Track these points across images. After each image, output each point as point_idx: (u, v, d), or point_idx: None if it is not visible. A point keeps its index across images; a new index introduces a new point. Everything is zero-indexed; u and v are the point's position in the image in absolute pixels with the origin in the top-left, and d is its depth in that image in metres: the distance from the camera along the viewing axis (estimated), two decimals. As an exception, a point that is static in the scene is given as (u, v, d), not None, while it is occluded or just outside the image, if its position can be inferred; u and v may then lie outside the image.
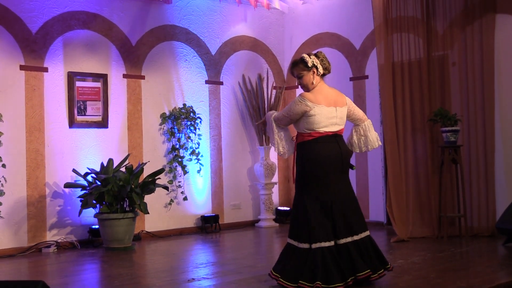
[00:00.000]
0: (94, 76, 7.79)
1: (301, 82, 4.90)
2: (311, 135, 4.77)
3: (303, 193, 4.81)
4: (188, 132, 8.51)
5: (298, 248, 4.74)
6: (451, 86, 7.61)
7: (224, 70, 9.13)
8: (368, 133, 5.11)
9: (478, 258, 6.16)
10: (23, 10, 7.26)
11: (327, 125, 4.79)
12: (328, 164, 4.76)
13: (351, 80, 8.92)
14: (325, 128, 4.79)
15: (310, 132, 4.78)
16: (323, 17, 9.33)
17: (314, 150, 4.74)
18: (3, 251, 6.94)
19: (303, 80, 4.87)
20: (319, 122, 4.76)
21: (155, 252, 7.16)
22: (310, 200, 4.74)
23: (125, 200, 7.27)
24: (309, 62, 4.83)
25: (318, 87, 4.86)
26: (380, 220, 8.57)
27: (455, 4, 7.53)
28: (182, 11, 8.67)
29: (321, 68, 4.87)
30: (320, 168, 4.75)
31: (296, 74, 4.91)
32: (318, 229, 4.67)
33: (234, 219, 9.08)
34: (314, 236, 4.65)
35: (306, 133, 4.80)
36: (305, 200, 4.76)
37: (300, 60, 4.90)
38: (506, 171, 7.33)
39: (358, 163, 8.80)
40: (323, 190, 4.75)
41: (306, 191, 4.79)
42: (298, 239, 4.75)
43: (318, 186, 4.76)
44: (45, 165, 7.36)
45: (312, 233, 4.66)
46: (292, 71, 4.96)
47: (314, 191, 4.76)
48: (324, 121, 4.77)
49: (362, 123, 5.12)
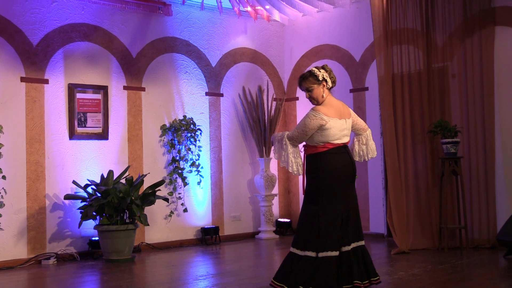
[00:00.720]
0: (94, 88, 7.81)
1: (311, 95, 4.90)
2: (325, 147, 4.80)
3: (315, 203, 4.78)
4: (188, 143, 8.52)
5: (303, 256, 4.72)
6: (451, 97, 7.62)
7: (224, 82, 9.16)
8: (369, 142, 5.13)
9: (479, 270, 6.15)
10: (24, 23, 7.29)
11: (340, 137, 4.84)
12: (342, 174, 4.81)
13: (351, 92, 8.94)
14: (338, 140, 4.84)
15: (324, 144, 4.80)
16: (323, 29, 9.37)
17: (329, 161, 4.77)
18: (2, 263, 6.92)
19: (313, 93, 4.89)
20: (334, 134, 4.80)
21: (155, 264, 7.14)
22: (323, 210, 4.74)
23: (125, 212, 7.26)
24: (319, 76, 4.87)
25: (328, 100, 4.89)
26: (381, 231, 8.55)
27: (455, 16, 7.56)
28: (182, 23, 8.70)
29: (330, 81, 4.91)
30: (335, 178, 4.78)
31: (306, 88, 4.91)
32: (328, 239, 4.68)
33: (234, 231, 9.06)
34: (322, 245, 4.66)
35: (319, 145, 4.81)
36: (318, 210, 4.74)
37: (309, 73, 4.91)
38: (506, 182, 7.32)
39: (359, 174, 8.79)
40: (337, 200, 4.77)
41: (319, 202, 4.77)
42: (305, 248, 4.72)
43: (334, 196, 4.77)
44: (45, 177, 7.36)
45: (321, 242, 4.67)
46: (301, 84, 4.94)
47: (328, 201, 4.76)
48: (338, 133, 4.82)
49: (364, 132, 5.14)
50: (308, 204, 4.84)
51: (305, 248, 4.71)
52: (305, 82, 4.90)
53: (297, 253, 4.76)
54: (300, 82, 4.95)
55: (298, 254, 4.76)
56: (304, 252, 4.71)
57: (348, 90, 8.94)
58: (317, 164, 4.78)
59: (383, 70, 7.59)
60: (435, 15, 7.67)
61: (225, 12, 8.93)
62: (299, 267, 4.70)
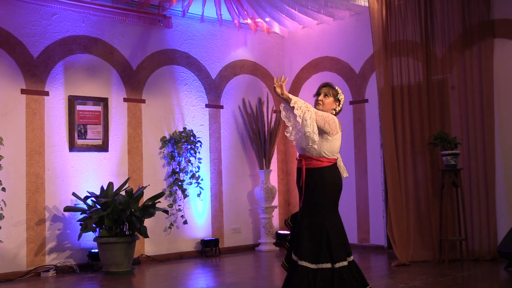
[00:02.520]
0: (94, 100, 7.82)
1: (324, 100, 4.92)
2: (330, 161, 4.82)
3: (323, 216, 4.77)
4: (188, 155, 8.51)
5: (318, 270, 4.72)
6: (451, 109, 7.63)
7: (224, 94, 9.17)
8: (341, 162, 5.14)
9: (480, 282, 6.12)
10: (25, 35, 7.32)
11: (338, 152, 4.94)
12: (341, 188, 4.90)
13: (351, 103, 8.95)
14: (337, 154, 4.93)
15: (329, 158, 4.81)
16: (322, 41, 9.39)
17: (335, 175, 4.83)
18: (2, 275, 6.89)
19: (327, 101, 4.93)
20: (338, 147, 4.90)
21: (155, 276, 7.12)
22: (331, 222, 4.76)
23: (125, 223, 7.25)
24: (340, 95, 4.97)
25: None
26: (381, 243, 8.53)
27: (454, 28, 7.59)
28: (182, 35, 8.73)
29: (339, 107, 5.00)
30: (338, 192, 4.87)
31: (326, 92, 4.95)
32: (343, 247, 4.76)
33: (234, 243, 9.04)
34: (338, 256, 4.70)
35: (325, 158, 4.80)
36: (325, 223, 4.74)
37: (334, 87, 4.99)
38: (507, 194, 7.31)
39: (359, 186, 8.79)
40: (335, 214, 4.82)
41: (326, 215, 4.78)
42: (319, 261, 4.70)
43: (333, 210, 4.82)
44: (45, 189, 7.35)
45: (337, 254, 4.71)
46: (325, 87, 4.97)
47: (333, 214, 4.80)
48: (339, 148, 4.92)
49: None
50: (322, 216, 4.78)
51: (319, 261, 4.68)
52: (329, 89, 4.96)
53: (310, 267, 4.70)
54: (325, 86, 4.98)
55: (311, 268, 4.70)
56: (318, 265, 4.68)
57: (348, 102, 8.95)
58: (324, 178, 4.78)
59: (383, 82, 7.60)
60: (435, 27, 7.69)
61: (225, 25, 8.96)
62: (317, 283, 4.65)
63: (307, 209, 4.79)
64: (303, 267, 4.67)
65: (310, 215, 4.78)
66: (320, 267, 4.66)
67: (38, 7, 7.43)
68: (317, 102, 4.92)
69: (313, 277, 4.63)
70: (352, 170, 8.85)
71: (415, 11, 7.74)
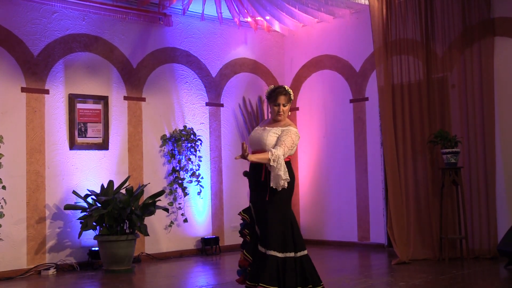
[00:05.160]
0: (95, 98, 7.82)
1: (285, 110, 5.00)
2: (289, 158, 4.99)
3: (289, 208, 5.00)
4: (188, 154, 8.52)
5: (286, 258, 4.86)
6: (451, 108, 7.63)
7: (225, 92, 9.17)
8: None
9: (480, 280, 6.12)
10: (25, 33, 7.31)
11: None
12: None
13: (351, 102, 8.96)
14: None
15: (289, 155, 4.96)
16: (323, 40, 9.39)
17: (291, 170, 4.95)
18: (2, 274, 6.89)
19: (286, 108, 5.01)
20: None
21: (155, 275, 7.12)
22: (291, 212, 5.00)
23: (125, 222, 7.25)
24: (292, 95, 5.07)
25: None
26: (381, 242, 8.53)
27: (454, 26, 7.59)
28: (183, 34, 8.73)
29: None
30: (293, 186, 5.06)
31: (284, 102, 5.00)
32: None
33: (235, 241, 9.02)
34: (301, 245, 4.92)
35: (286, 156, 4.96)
36: (291, 214, 4.99)
37: (289, 92, 5.04)
38: (507, 192, 7.32)
39: (359, 184, 8.80)
40: (290, 206, 5.06)
41: (289, 205, 5.01)
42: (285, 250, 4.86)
43: (290, 203, 5.05)
44: (45, 187, 7.36)
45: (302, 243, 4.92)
46: (281, 98, 4.98)
47: (290, 206, 5.03)
48: None
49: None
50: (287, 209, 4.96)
51: (286, 250, 4.86)
52: (285, 97, 5.00)
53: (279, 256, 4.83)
54: (281, 93, 4.99)
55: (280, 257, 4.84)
56: (285, 254, 4.85)
57: (348, 101, 8.96)
58: (289, 173, 4.92)
59: (383, 81, 7.60)
60: (435, 26, 7.69)
61: (225, 23, 8.96)
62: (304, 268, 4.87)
63: (273, 203, 4.91)
64: (273, 256, 4.84)
65: (276, 208, 4.92)
66: (287, 256, 4.85)
67: (38, 5, 7.43)
68: (278, 114, 4.96)
69: (282, 265, 4.82)
70: (352, 168, 8.86)
71: (416, 9, 7.74)
